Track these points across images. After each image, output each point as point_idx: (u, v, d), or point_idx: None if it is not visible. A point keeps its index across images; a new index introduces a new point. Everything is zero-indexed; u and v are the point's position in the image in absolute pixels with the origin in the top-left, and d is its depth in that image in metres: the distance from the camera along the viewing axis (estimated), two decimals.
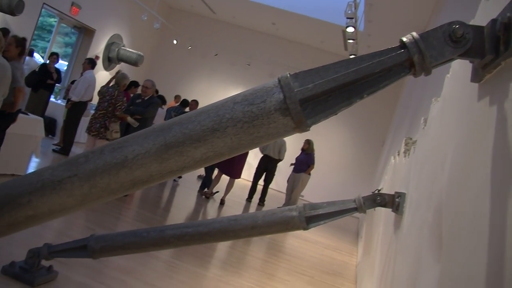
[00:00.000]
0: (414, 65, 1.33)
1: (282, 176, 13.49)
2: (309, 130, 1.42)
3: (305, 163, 12.10)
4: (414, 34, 1.33)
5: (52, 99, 12.08)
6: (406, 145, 3.68)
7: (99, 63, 14.20)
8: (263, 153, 12.21)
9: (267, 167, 12.21)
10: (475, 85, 1.38)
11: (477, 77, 1.35)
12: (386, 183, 5.76)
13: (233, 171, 10.19)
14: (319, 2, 14.05)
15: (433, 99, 2.57)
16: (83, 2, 13.34)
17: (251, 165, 13.58)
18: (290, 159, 12.58)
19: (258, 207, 11.67)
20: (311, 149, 12.14)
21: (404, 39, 1.34)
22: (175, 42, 17.06)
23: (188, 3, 17.52)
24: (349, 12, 10.07)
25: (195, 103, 12.08)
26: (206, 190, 10.65)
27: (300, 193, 12.56)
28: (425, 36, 1.32)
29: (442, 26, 1.32)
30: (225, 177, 10.34)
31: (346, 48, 13.39)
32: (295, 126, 1.39)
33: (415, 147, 3.17)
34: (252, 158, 13.77)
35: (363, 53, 1.41)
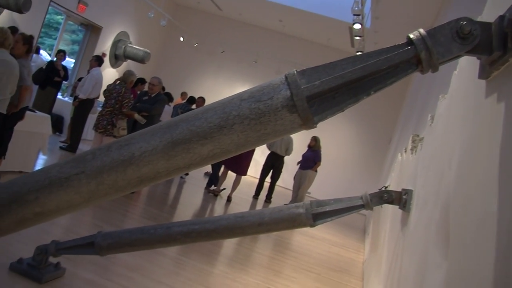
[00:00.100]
0: (421, 62, 1.32)
1: (289, 173, 13.46)
2: (316, 127, 1.42)
3: (311, 160, 12.07)
4: (421, 30, 1.32)
5: (59, 96, 12.09)
6: (413, 142, 3.68)
7: (106, 60, 14.21)
8: (270, 150, 12.20)
9: (274, 164, 12.19)
10: (483, 82, 1.37)
11: (484, 73, 1.34)
12: (393, 180, 5.75)
13: (239, 168, 10.18)
14: None
15: (440, 96, 2.56)
16: (90, 0, 13.36)
17: (258, 162, 13.57)
18: (296, 156, 12.56)
19: (265, 204, 11.67)
20: (317, 146, 12.11)
21: (411, 35, 1.33)
22: (181, 39, 17.06)
23: (195, 0, 17.52)
24: (356, 9, 10.02)
25: (201, 100, 12.07)
26: (214, 188, 10.66)
27: (307, 190, 12.53)
28: (432, 33, 1.32)
29: (449, 23, 1.31)
30: (231, 174, 10.34)
31: (353, 45, 13.35)
32: (302, 123, 1.39)
33: (422, 144, 3.17)
34: (259, 155, 13.77)
35: (370, 50, 1.40)
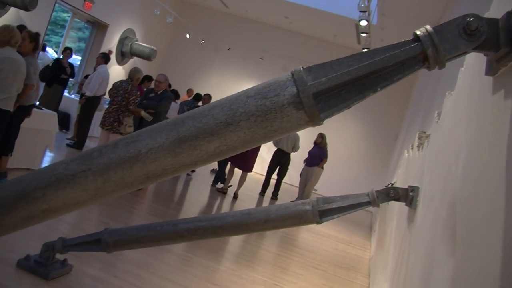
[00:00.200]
0: (427, 58, 1.32)
1: (295, 170, 13.45)
2: (322, 124, 1.42)
3: (318, 156, 12.05)
4: (428, 27, 1.32)
5: (66, 93, 12.13)
6: (419, 138, 3.67)
7: (112, 57, 14.24)
8: (276, 146, 12.19)
9: (280, 161, 12.19)
10: (490, 78, 1.36)
11: (491, 70, 1.34)
12: (400, 177, 5.74)
13: (245, 164, 10.19)
14: None
15: (447, 92, 2.56)
16: None
17: (264, 159, 13.58)
18: (303, 152, 12.55)
19: (271, 201, 11.67)
20: (324, 142, 12.09)
21: (418, 32, 1.33)
22: (188, 36, 17.05)
23: None
24: (362, 5, 10.00)
25: (208, 97, 12.08)
26: (222, 186, 10.68)
27: (313, 187, 12.52)
28: (439, 29, 1.31)
29: (456, 19, 1.30)
30: (237, 170, 10.35)
31: (359, 42, 13.32)
32: (309, 120, 1.39)
33: (428, 141, 3.16)
34: (265, 152, 13.78)
35: (376, 47, 1.40)
